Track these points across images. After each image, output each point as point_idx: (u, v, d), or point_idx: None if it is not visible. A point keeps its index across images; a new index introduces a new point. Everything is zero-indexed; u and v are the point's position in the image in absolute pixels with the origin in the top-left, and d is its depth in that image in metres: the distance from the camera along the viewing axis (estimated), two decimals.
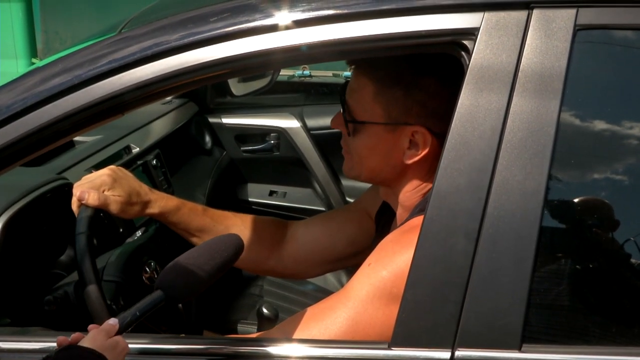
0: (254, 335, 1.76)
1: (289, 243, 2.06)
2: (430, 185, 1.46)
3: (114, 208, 1.81)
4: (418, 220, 1.41)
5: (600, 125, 1.37)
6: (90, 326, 1.37)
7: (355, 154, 1.68)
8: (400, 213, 1.73)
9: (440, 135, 1.58)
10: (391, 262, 1.51)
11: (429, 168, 1.64)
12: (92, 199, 1.77)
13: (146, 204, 1.89)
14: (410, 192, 1.69)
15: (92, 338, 1.31)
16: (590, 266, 1.39)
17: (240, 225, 2.03)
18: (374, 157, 1.66)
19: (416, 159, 1.62)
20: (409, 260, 1.39)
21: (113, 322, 1.36)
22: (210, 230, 1.98)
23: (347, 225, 2.04)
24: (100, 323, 1.38)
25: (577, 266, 1.38)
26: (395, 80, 1.60)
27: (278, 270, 2.11)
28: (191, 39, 1.44)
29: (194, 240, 1.98)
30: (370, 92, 1.62)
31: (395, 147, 1.63)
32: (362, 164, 1.68)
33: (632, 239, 1.36)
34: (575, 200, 1.37)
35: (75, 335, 1.35)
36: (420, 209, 1.61)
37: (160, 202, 1.92)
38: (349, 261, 2.07)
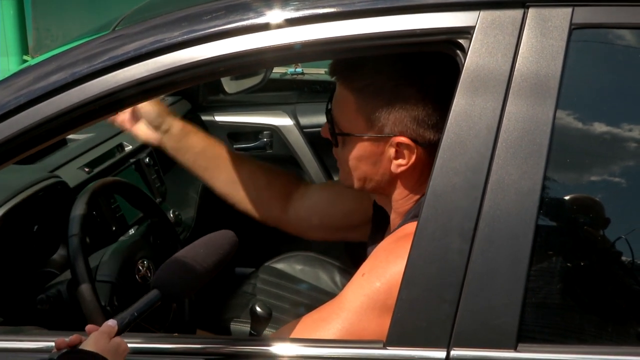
0: None
1: (298, 200, 2.08)
2: (422, 192, 1.46)
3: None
4: (411, 226, 1.40)
5: (596, 124, 1.36)
6: (89, 327, 1.36)
7: (345, 164, 1.69)
8: (393, 218, 1.74)
9: (425, 144, 1.59)
10: (385, 272, 1.51)
11: (419, 175, 1.64)
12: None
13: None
14: (402, 199, 1.69)
15: (94, 341, 1.30)
16: (586, 265, 1.39)
17: (254, 165, 2.09)
18: (363, 167, 1.67)
19: (403, 168, 1.63)
20: (402, 270, 1.38)
21: (112, 323, 1.35)
22: (225, 160, 2.05)
23: (345, 197, 2.03)
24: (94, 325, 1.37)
25: (573, 265, 1.38)
26: (376, 92, 1.59)
27: (281, 222, 2.12)
28: (185, 37, 1.44)
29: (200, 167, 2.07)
30: (352, 104, 1.62)
31: (382, 157, 1.64)
32: (352, 174, 1.69)
33: (627, 238, 1.36)
34: (571, 199, 1.37)
35: (73, 337, 1.33)
36: (413, 214, 1.61)
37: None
38: (346, 234, 2.10)
